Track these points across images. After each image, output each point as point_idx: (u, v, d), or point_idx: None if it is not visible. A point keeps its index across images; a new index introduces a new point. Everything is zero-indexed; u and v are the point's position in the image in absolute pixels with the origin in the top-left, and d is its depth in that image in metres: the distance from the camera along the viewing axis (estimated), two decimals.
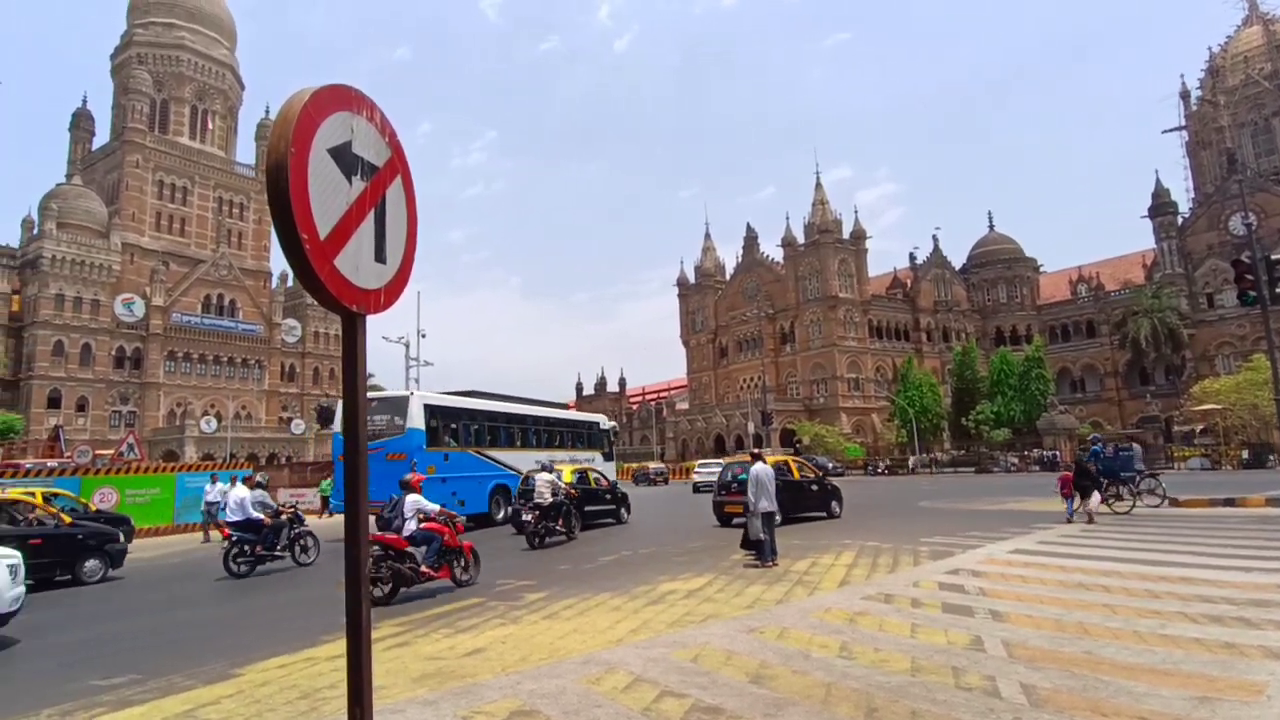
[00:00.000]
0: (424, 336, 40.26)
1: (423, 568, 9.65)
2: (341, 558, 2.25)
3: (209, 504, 19.21)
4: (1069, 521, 15.25)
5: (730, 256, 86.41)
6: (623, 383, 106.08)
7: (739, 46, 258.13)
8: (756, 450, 12.77)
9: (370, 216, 2.33)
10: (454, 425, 20.61)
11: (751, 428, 58.38)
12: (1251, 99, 70.22)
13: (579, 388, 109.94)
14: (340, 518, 12.09)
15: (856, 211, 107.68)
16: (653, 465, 54.54)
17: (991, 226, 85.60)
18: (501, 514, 20.99)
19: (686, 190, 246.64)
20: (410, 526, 9.99)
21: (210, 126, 75.74)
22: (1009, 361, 61.71)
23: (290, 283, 77.25)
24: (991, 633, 6.47)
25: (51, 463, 32.03)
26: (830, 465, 51.88)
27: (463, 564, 10.36)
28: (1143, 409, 52.53)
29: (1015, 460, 49.54)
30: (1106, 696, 4.73)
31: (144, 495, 22.31)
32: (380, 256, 2.36)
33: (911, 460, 54.54)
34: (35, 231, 62.05)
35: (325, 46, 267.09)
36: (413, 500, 10.19)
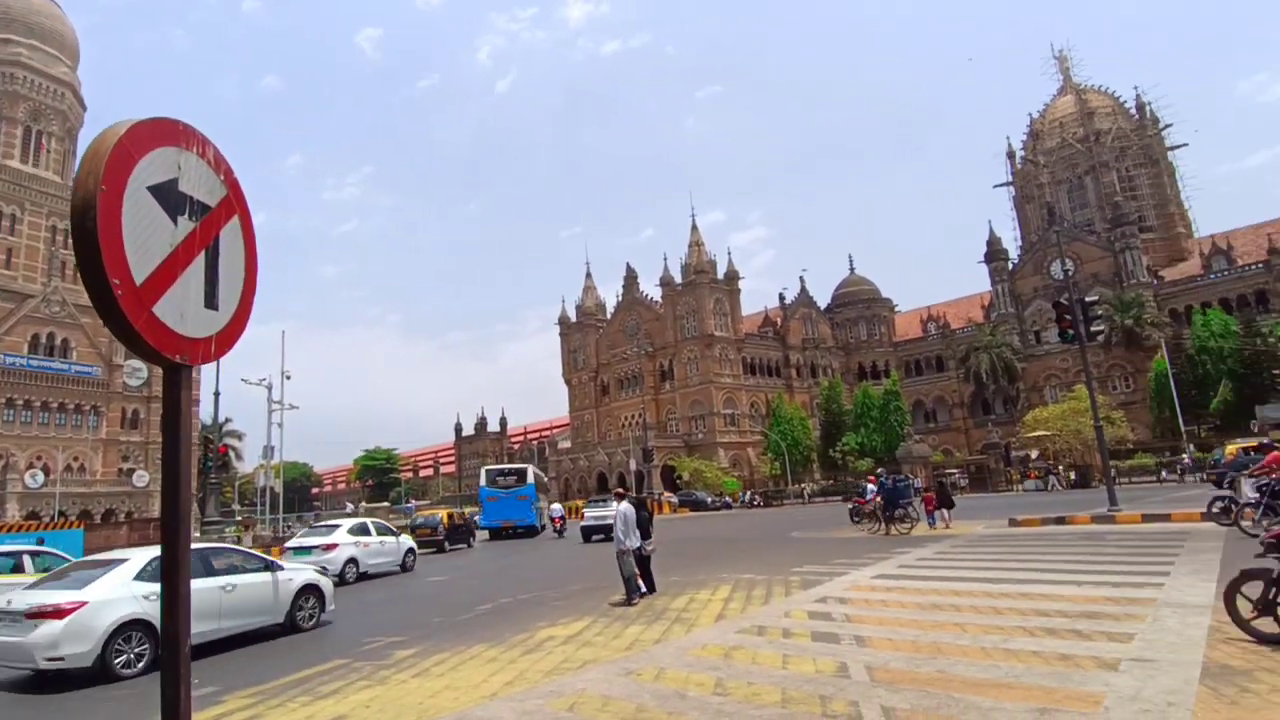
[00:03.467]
0: (289, 378, 37.91)
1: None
2: None
3: None
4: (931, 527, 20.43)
5: (611, 296, 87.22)
6: (504, 423, 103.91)
7: (618, 93, 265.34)
8: (621, 490, 13.36)
9: (200, 259, 2.16)
10: (537, 481, 37.74)
11: (633, 465, 58.52)
12: (1066, 159, 79.53)
13: (458, 428, 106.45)
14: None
15: (730, 254, 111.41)
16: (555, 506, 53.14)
17: (852, 269, 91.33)
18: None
19: (568, 230, 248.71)
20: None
21: (46, 149, 68.65)
22: (870, 395, 65.71)
23: None
24: (855, 658, 6.73)
25: None
26: (709, 499, 52.92)
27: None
28: (986, 436, 57.14)
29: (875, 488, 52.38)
30: (957, 713, 5.01)
31: None
32: (212, 303, 2.19)
33: (795, 490, 56.48)
34: None
35: (183, 69, 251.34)
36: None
